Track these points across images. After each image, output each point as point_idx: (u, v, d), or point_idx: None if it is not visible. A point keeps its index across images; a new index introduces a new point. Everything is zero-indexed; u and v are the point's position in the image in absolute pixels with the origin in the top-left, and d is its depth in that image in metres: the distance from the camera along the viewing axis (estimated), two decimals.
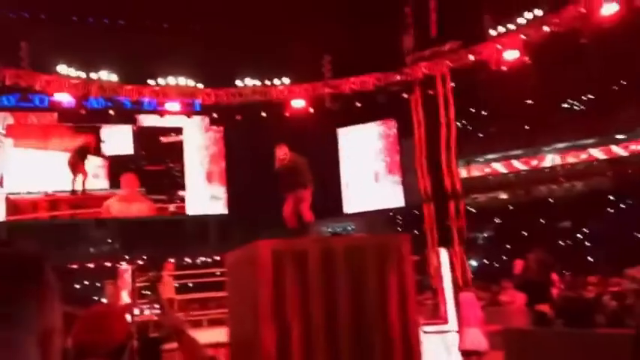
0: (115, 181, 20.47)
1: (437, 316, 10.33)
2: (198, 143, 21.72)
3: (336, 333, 6.03)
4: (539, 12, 16.85)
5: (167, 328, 2.69)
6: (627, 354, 5.38)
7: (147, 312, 10.27)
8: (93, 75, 18.75)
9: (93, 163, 20.47)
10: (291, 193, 8.10)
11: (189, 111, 20.56)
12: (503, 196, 32.77)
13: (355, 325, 6.12)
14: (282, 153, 8.24)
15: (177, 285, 13.41)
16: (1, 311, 0.88)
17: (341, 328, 6.06)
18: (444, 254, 10.16)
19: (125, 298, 9.96)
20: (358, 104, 19.88)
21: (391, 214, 23.97)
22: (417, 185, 19.87)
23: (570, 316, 6.43)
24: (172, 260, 15.23)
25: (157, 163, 21.39)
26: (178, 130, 21.64)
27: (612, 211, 27.23)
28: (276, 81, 20.09)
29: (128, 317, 6.98)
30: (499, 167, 32.64)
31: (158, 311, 2.87)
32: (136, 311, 9.55)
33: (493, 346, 8.39)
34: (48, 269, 0.94)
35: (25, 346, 0.88)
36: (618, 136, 28.94)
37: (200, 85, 20.05)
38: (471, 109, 29.64)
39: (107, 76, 18.94)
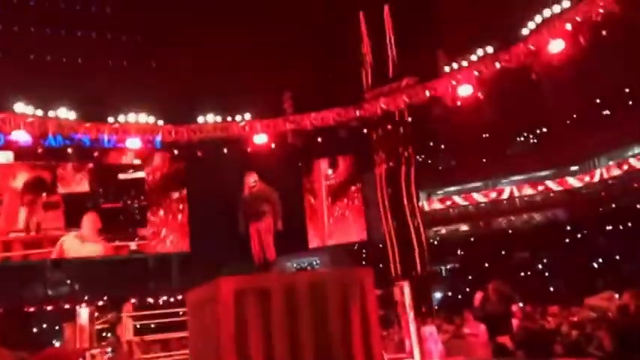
0: (71, 220, 19.97)
1: (402, 350, 10.30)
2: (159, 180, 21.47)
3: None
4: (490, 49, 17.45)
5: None
6: None
7: (104, 356, 9.94)
8: (51, 113, 18.47)
9: (48, 201, 19.97)
10: (256, 222, 7.79)
11: (149, 148, 20.37)
12: (464, 227, 33.19)
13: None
14: (251, 180, 7.98)
15: (138, 326, 13.09)
16: None
17: None
18: (406, 287, 10.19)
19: (83, 340, 9.66)
20: (319, 139, 20.05)
21: (355, 248, 24.00)
22: (379, 219, 20.02)
23: (530, 347, 6.51)
24: (133, 300, 14.87)
25: (115, 201, 21.00)
26: (138, 167, 21.37)
27: (568, 241, 27.84)
28: (237, 117, 20.14)
29: None
30: (459, 200, 33.15)
31: (110, 354, 2.81)
32: (93, 354, 9.25)
33: None
34: None
35: None
36: (572, 168, 29.81)
37: (160, 122, 19.93)
38: (430, 144, 30.19)
39: (65, 113, 18.68)
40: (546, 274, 27.39)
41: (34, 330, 20.13)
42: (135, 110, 19.43)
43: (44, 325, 20.08)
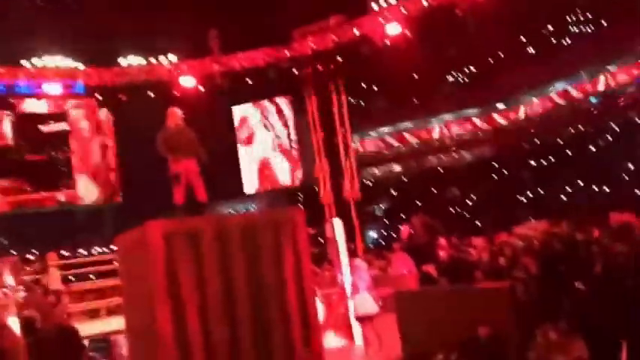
0: None
1: (334, 285, 10.64)
2: (84, 128, 20.71)
3: (234, 311, 6.08)
4: None
5: (47, 318, 2.63)
6: (504, 305, 5.86)
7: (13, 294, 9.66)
8: None
9: None
10: (182, 159, 7.39)
11: (70, 93, 19.51)
12: (397, 168, 33.88)
13: (253, 301, 6.20)
14: (178, 113, 7.64)
15: (70, 277, 12.94)
16: None
17: (239, 305, 6.12)
18: (338, 225, 10.43)
19: (6, 293, 9.45)
20: (249, 81, 19.74)
21: (291, 191, 24.18)
22: (313, 162, 20.14)
23: (453, 274, 6.88)
24: (64, 252, 14.60)
25: (38, 153, 20.17)
26: (61, 116, 20.49)
27: (495, 177, 28.99)
28: (162, 59, 19.47)
29: (9, 317, 6.50)
30: (391, 140, 33.66)
31: (39, 303, 2.80)
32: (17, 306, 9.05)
33: (387, 309, 8.77)
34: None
35: None
36: (498, 105, 30.68)
37: (80, 66, 19.04)
38: (361, 84, 30.27)
39: None
40: (474, 210, 28.52)
41: None
42: (52, 52, 18.43)
43: None
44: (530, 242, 6.83)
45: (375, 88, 32.06)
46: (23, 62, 18.29)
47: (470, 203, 29.79)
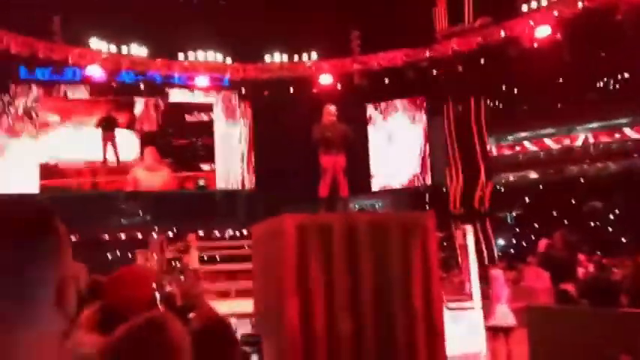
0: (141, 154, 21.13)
1: (462, 292, 10.35)
2: (227, 119, 21.88)
3: (359, 307, 6.09)
4: None
5: (187, 296, 2.75)
6: None
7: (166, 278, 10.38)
8: (124, 49, 18.93)
9: (123, 136, 20.91)
10: (331, 154, 7.48)
11: (218, 86, 20.68)
12: (533, 175, 32.34)
13: (378, 300, 6.16)
14: (332, 109, 7.72)
15: (205, 257, 13.63)
16: (15, 266, 0.92)
17: (364, 302, 6.12)
18: (469, 232, 10.13)
19: (154, 267, 10.21)
20: (387, 80, 19.72)
21: (419, 191, 23.88)
22: (445, 163, 19.74)
23: (595, 295, 6.40)
24: (200, 232, 15.46)
25: (183, 138, 21.71)
26: (207, 107, 21.84)
27: None
28: (304, 56, 20.04)
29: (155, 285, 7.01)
30: (529, 145, 32.16)
31: (180, 277, 2.95)
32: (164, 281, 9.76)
33: (518, 323, 8.42)
34: (56, 220, 0.99)
35: (41, 299, 0.94)
36: None
37: (228, 60, 20.11)
38: (502, 87, 29.17)
39: (137, 49, 19.11)
40: (618, 225, 26.51)
41: (109, 257, 21.38)
42: (204, 48, 19.64)
43: (117, 253, 21.26)
44: None
45: (516, 91, 30.77)
46: (179, 56, 19.63)
47: (612, 217, 27.73)
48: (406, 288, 6.29)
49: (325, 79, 19.86)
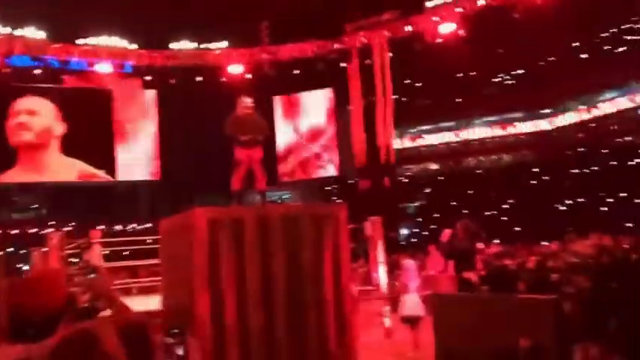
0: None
1: (369, 282, 10.60)
2: (130, 107, 21.07)
3: (271, 300, 6.11)
4: None
5: (98, 294, 2.65)
6: (548, 318, 5.71)
7: (75, 279, 9.93)
8: (18, 32, 17.78)
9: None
10: (247, 147, 7.34)
11: (120, 73, 19.86)
12: (434, 166, 33.57)
13: (290, 292, 6.20)
14: (248, 100, 7.55)
15: (107, 252, 13.11)
16: None
17: (276, 295, 6.14)
18: (376, 223, 10.38)
19: (53, 265, 9.68)
20: (296, 71, 19.78)
21: (326, 183, 24.15)
22: (352, 155, 20.08)
23: (494, 283, 6.76)
24: (101, 227, 14.85)
25: (84, 126, 20.68)
26: (108, 94, 20.92)
27: (535, 182, 28.41)
28: (212, 45, 19.67)
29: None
30: (431, 138, 33.32)
31: (91, 276, 2.82)
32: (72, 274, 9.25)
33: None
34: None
35: None
36: (544, 111, 30.07)
37: (133, 46, 19.38)
38: (406, 81, 29.99)
39: (34, 32, 18.00)
40: (512, 214, 28.06)
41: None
42: (106, 32, 18.80)
43: (9, 250, 20.01)
44: (585, 259, 6.65)
45: (419, 85, 31.75)
46: (79, 41, 18.68)
47: (506, 208, 29.31)
48: (317, 277, 6.37)
49: (234, 69, 19.61)
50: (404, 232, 28.93)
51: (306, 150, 22.71)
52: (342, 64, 19.57)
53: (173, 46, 19.74)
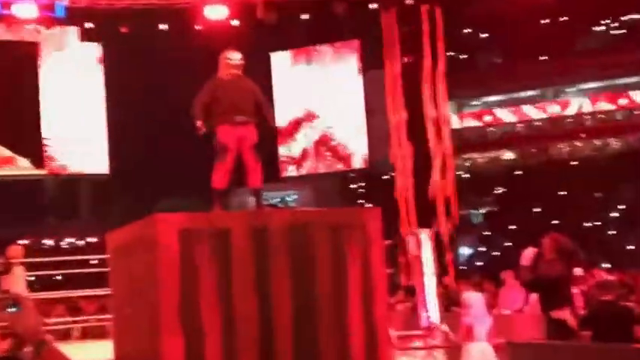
0: None
1: (415, 324, 10.64)
2: (63, 68, 21.24)
3: (271, 347, 6.16)
4: None
5: (22, 338, 2.68)
6: None
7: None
8: None
9: None
10: (236, 125, 7.23)
11: (49, 18, 20.04)
12: (509, 155, 33.54)
13: (298, 336, 6.25)
14: (236, 57, 7.51)
15: (32, 278, 13.27)
16: None
17: (278, 339, 6.19)
18: (425, 239, 10.41)
19: None
20: (304, 16, 19.81)
21: (349, 179, 24.26)
22: (385, 140, 20.09)
23: (600, 326, 6.72)
24: (25, 242, 15.03)
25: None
26: (32, 48, 21.10)
27: None
28: None
29: None
30: (503, 115, 33.28)
31: (11, 311, 2.85)
32: None
33: None
34: None
35: None
36: None
37: None
38: (466, 30, 29.97)
39: None
40: (622, 225, 28.03)
41: None
42: None
43: None
44: None
45: (484, 36, 31.76)
46: None
47: (616, 215, 29.28)
48: (337, 318, 6.41)
49: (215, 12, 19.64)
50: (465, 251, 28.98)
51: (320, 130, 22.75)
52: (372, 5, 19.57)
53: None
